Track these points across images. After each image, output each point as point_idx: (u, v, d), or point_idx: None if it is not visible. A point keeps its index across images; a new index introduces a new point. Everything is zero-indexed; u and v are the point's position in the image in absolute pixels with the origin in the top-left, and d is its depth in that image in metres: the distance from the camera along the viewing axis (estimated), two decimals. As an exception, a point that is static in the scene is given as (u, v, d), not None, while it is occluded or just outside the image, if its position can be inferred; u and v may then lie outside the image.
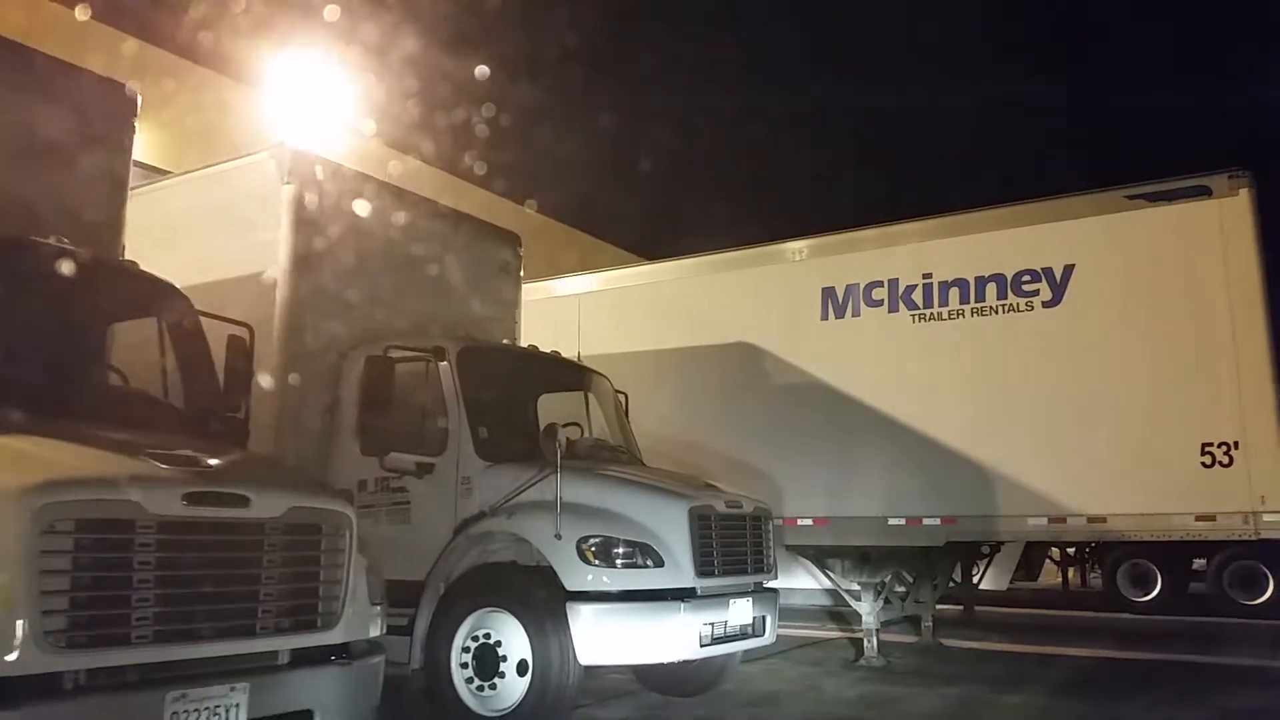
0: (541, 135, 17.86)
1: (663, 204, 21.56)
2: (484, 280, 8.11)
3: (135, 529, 2.88)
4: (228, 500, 3.16)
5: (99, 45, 13.05)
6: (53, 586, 2.70)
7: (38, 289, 4.20)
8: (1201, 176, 7.65)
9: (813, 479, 8.77)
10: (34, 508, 2.69)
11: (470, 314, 7.74)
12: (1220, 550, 12.74)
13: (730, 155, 23.64)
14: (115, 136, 5.55)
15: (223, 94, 14.63)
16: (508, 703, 5.50)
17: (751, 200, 22.13)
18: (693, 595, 5.73)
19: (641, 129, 22.10)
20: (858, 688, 7.45)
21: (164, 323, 4.61)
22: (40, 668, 2.67)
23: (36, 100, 5.02)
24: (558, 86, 18.09)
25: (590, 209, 20.13)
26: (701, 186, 21.08)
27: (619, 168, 20.40)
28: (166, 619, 2.93)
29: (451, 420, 6.18)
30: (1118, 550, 13.68)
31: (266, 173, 6.63)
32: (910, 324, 8.64)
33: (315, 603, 3.39)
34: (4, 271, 4.09)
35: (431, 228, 7.65)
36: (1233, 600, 12.73)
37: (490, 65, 15.18)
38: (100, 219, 5.29)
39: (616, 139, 21.05)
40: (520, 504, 5.81)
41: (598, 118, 19.71)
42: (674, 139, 22.75)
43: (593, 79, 20.15)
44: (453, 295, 7.67)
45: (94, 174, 5.34)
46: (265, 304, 6.33)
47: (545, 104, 17.45)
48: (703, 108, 23.20)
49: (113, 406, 4.11)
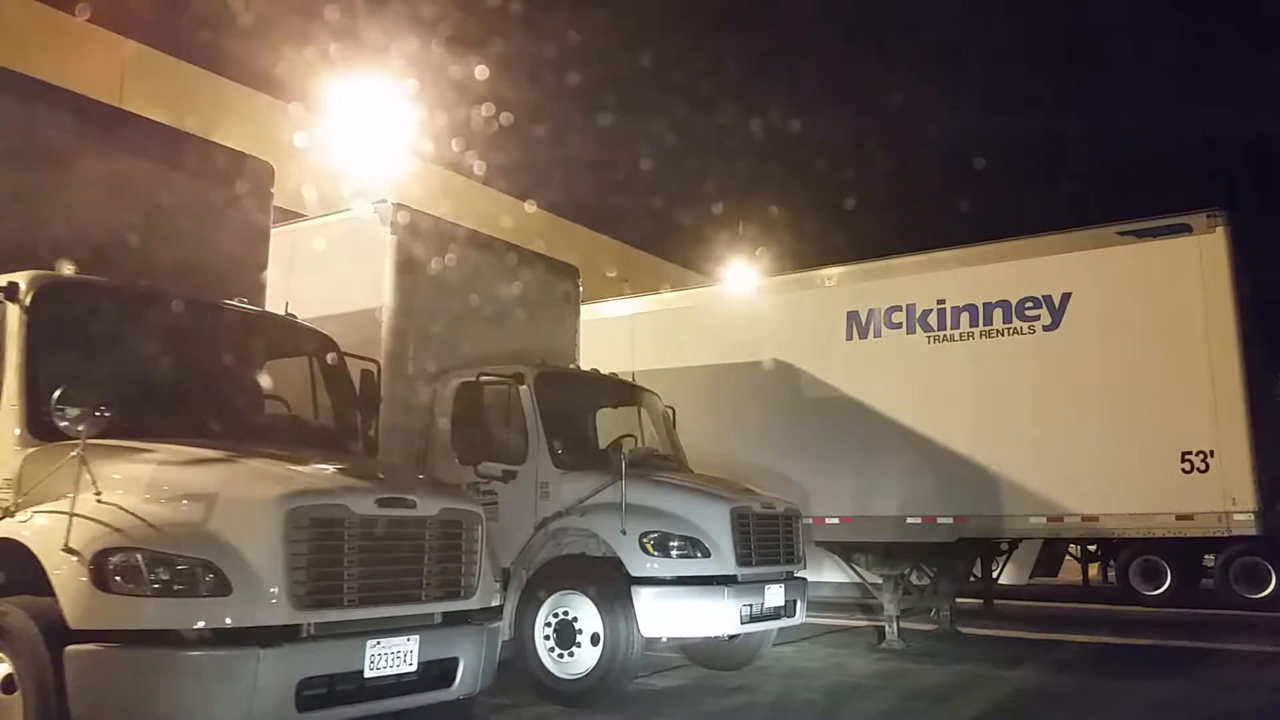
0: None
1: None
2: (549, 309, 9.30)
3: (345, 525, 4.09)
4: (402, 503, 4.37)
5: (198, 90, 14.56)
6: (296, 565, 3.91)
7: (227, 340, 5.47)
8: (1183, 215, 8.66)
9: (839, 482, 9.89)
10: (285, 510, 3.90)
11: (539, 340, 8.91)
12: (1227, 547, 13.59)
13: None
14: (259, 201, 6.78)
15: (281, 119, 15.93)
16: (583, 668, 6.69)
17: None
18: (734, 581, 6.88)
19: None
20: (877, 665, 8.56)
21: (316, 362, 5.85)
22: (289, 620, 3.86)
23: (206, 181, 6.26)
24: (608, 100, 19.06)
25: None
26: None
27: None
28: (365, 588, 4.13)
29: (531, 434, 7.38)
30: (1130, 547, 14.58)
31: (374, 224, 7.87)
32: (926, 344, 9.71)
33: (459, 578, 4.58)
34: (203, 328, 5.36)
35: (506, 265, 8.85)
36: (1238, 594, 13.59)
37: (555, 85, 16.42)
38: (251, 271, 6.55)
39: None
40: (591, 505, 7.00)
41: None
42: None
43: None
44: (524, 324, 8.85)
45: (246, 234, 6.58)
46: (373, 336, 7.56)
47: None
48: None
49: (289, 429, 5.35)
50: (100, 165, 5.54)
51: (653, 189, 21.13)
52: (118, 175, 5.61)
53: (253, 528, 3.86)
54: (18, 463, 4.26)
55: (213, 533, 3.81)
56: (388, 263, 7.77)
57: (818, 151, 21.34)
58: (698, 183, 23.40)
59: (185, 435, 4.52)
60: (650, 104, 21.18)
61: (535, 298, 9.10)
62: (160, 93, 14.40)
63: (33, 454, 4.25)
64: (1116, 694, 7.49)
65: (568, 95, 17.50)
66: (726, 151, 22.98)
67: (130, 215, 5.60)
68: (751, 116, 21.96)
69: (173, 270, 5.60)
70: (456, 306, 8.20)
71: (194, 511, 3.86)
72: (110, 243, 5.36)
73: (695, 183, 23.08)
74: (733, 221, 23.13)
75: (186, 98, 14.52)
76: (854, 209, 18.97)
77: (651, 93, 21.54)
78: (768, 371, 10.44)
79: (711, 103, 22.78)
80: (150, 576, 3.66)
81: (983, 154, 20.17)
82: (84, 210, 5.41)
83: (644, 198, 20.97)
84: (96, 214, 5.46)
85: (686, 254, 23.85)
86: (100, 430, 3.86)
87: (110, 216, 5.52)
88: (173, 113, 14.27)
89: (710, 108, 22.93)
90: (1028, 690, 7.62)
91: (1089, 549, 18.09)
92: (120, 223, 5.52)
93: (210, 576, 3.72)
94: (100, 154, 5.55)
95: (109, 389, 4.11)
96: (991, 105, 25.90)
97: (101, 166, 5.54)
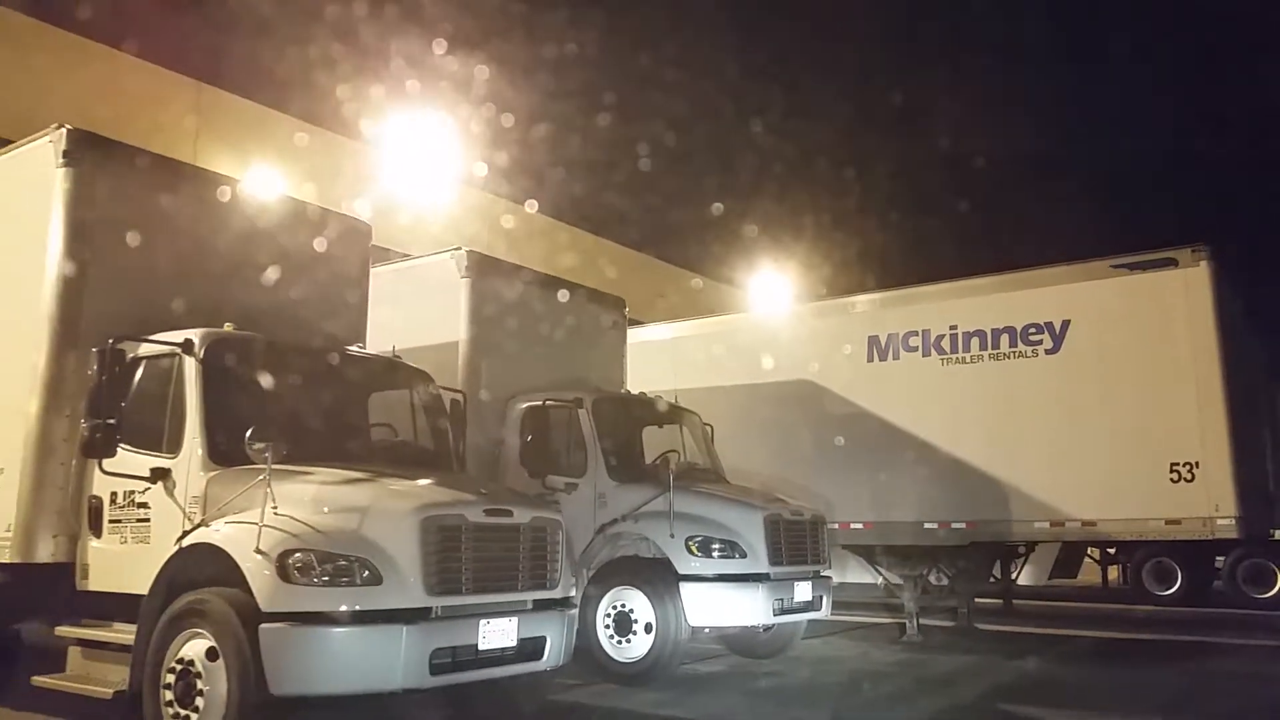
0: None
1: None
2: (600, 337, 10.46)
3: (462, 530, 5.22)
4: (503, 513, 5.50)
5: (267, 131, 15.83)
6: (428, 561, 5.04)
7: (351, 379, 6.66)
8: (1170, 251, 9.62)
9: (861, 491, 10.93)
10: (419, 519, 5.05)
11: (591, 367, 10.06)
12: (1235, 549, 14.43)
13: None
14: (360, 257, 7.98)
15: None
16: (638, 653, 7.82)
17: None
18: (767, 578, 7.96)
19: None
20: (896, 656, 9.59)
21: (416, 394, 7.02)
22: (423, 604, 4.98)
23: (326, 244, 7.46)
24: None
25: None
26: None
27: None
28: (477, 579, 5.25)
29: (589, 451, 8.52)
30: (1143, 549, 15.43)
31: (450, 269, 9.05)
32: (939, 366, 10.73)
33: (545, 572, 5.68)
34: (332, 370, 6.54)
35: (561, 300, 9.98)
36: (1245, 594, 14.42)
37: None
38: (356, 317, 7.74)
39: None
40: (642, 513, 8.12)
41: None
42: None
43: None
44: (578, 353, 10.00)
45: (352, 285, 7.78)
46: (450, 365, 8.70)
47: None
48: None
49: (401, 451, 6.53)
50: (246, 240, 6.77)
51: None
52: (257, 245, 6.85)
53: (395, 533, 5.01)
54: (203, 484, 5.44)
55: (366, 537, 4.96)
56: (463, 303, 8.96)
57: (885, 181, 22.34)
58: (764, 212, 24.58)
59: (327, 459, 5.68)
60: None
61: (587, 328, 10.26)
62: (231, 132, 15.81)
63: (214, 477, 5.44)
64: (1105, 679, 8.49)
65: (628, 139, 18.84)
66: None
67: (267, 278, 6.83)
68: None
69: (303, 321, 6.84)
70: (520, 338, 9.36)
71: (350, 520, 5.01)
72: (253, 302, 6.60)
73: (761, 213, 24.27)
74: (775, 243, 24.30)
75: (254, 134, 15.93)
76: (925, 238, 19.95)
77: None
78: (797, 391, 11.51)
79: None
80: (321, 571, 4.81)
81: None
82: (233, 277, 6.65)
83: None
84: (242, 279, 6.69)
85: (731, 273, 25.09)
86: (279, 459, 5.03)
87: (253, 280, 6.75)
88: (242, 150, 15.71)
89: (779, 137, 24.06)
90: (1028, 676, 8.64)
91: (1108, 551, 18.94)
92: (260, 285, 6.76)
93: (366, 571, 4.87)
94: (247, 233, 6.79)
95: (270, 423, 5.29)
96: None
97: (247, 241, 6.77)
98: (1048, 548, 13.76)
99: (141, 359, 5.84)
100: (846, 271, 22.68)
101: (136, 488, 5.64)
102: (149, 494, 5.61)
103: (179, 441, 5.60)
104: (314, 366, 6.27)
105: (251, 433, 5.01)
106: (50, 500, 6.00)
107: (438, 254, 9.33)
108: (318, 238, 7.46)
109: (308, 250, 7.29)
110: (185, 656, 5.00)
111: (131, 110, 14.02)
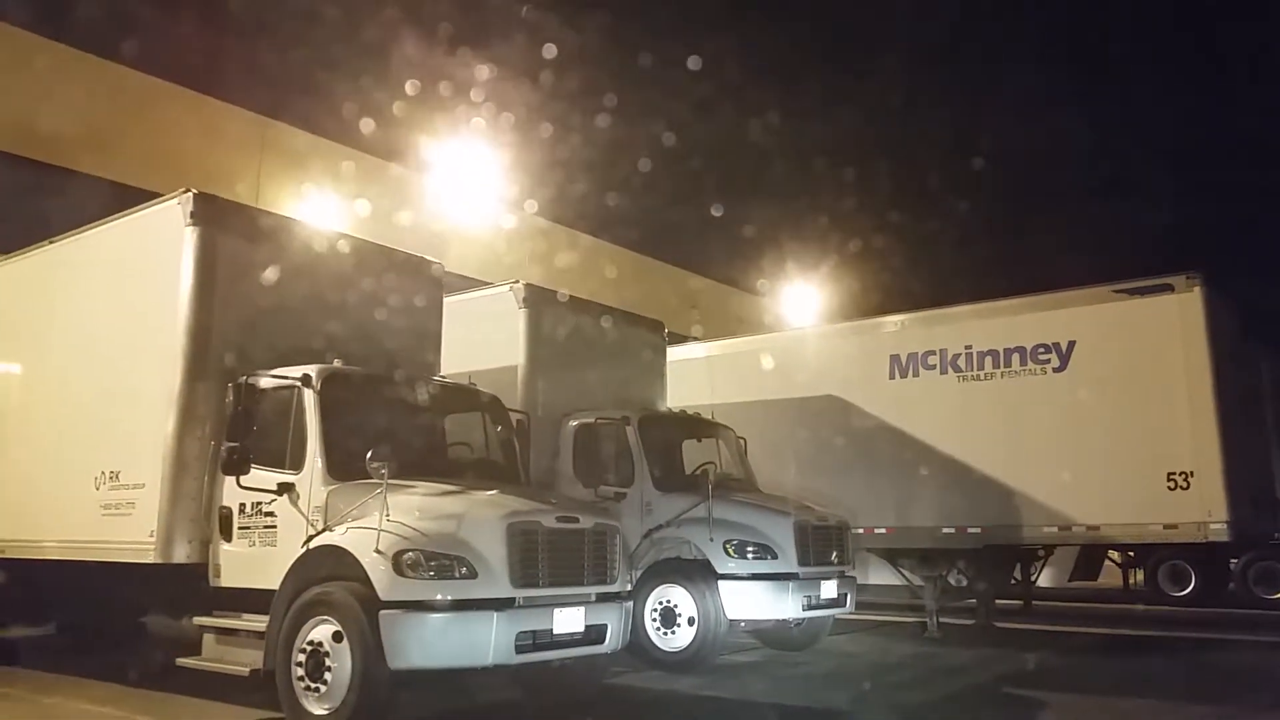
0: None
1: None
2: (642, 358, 11.47)
3: (539, 533, 6.26)
4: (571, 520, 6.54)
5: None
6: (512, 559, 6.06)
7: (437, 405, 7.74)
8: (1166, 277, 10.48)
9: (884, 498, 11.86)
10: (506, 525, 6.09)
11: (634, 386, 11.08)
12: (1247, 552, 15.14)
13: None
14: (435, 293, 9.04)
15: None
16: (682, 643, 8.83)
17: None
18: (797, 578, 8.93)
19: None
20: (915, 650, 10.50)
21: (487, 416, 8.08)
22: (509, 594, 6.01)
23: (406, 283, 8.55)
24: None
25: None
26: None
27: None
28: (551, 574, 6.28)
29: (636, 464, 9.54)
30: (1159, 552, 16.13)
31: (509, 300, 10.11)
32: (956, 383, 11.64)
33: (605, 569, 6.71)
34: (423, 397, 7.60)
35: (607, 325, 11.01)
36: (1256, 595, 15.10)
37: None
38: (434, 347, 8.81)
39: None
40: (685, 519, 9.12)
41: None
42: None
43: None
44: (622, 373, 11.02)
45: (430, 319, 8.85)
46: (510, 386, 9.72)
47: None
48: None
49: (480, 466, 7.60)
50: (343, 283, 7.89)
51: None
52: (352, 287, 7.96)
53: (486, 536, 6.06)
54: (324, 496, 6.53)
55: (463, 539, 6.01)
56: (521, 331, 10.00)
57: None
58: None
59: (422, 473, 6.74)
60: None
61: (631, 350, 11.28)
62: (292, 162, 17.03)
63: (334, 490, 6.52)
64: (1108, 668, 9.38)
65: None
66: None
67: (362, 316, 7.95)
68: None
69: (391, 352, 7.94)
70: (571, 361, 10.39)
71: (450, 525, 6.07)
72: (350, 337, 7.71)
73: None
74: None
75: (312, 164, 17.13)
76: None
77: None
78: (824, 406, 12.46)
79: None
80: (428, 567, 5.86)
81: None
82: (333, 315, 7.76)
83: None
84: (341, 317, 7.80)
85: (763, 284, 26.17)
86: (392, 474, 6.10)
87: (350, 318, 7.86)
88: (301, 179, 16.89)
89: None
90: (1037, 666, 9.51)
91: (1129, 554, 19.61)
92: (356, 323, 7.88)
93: (463, 567, 5.91)
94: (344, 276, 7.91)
95: (375, 444, 6.36)
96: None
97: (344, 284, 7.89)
98: (1067, 551, 14.61)
99: (267, 391, 6.94)
100: (910, 299, 23.69)
101: (264, 499, 6.74)
102: (275, 504, 6.71)
103: (301, 460, 6.69)
104: (406, 394, 7.35)
105: (372, 453, 6.07)
106: (185, 510, 7.10)
107: (498, 286, 10.40)
108: (401, 278, 8.56)
109: (393, 290, 8.38)
110: (314, 639, 6.07)
111: (200, 150, 15.37)
